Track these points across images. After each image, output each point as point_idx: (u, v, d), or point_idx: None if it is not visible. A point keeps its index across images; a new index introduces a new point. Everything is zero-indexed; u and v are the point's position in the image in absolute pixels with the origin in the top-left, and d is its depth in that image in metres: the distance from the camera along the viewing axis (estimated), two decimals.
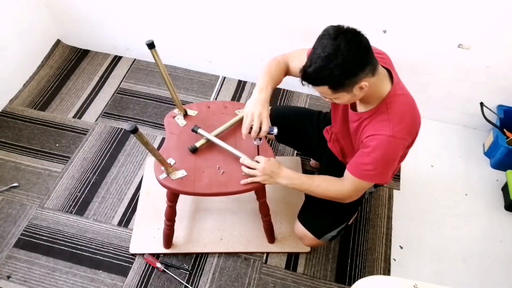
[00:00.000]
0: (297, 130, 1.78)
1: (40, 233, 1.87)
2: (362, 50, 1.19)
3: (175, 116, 1.68)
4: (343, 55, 1.15)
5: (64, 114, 2.30)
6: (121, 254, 1.82)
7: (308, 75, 1.21)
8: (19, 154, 2.13)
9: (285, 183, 1.46)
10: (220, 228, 1.88)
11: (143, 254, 1.80)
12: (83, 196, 1.99)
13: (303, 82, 1.24)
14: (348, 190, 1.40)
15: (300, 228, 1.63)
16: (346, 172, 1.39)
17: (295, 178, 1.47)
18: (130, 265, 1.79)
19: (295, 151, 2.18)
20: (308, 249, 1.84)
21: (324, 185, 1.45)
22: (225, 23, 2.23)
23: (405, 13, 1.93)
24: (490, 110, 2.14)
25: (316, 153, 1.87)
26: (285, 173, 1.46)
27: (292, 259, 1.83)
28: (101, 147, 2.17)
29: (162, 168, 1.48)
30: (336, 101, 1.29)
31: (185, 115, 1.69)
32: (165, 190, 1.55)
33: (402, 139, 1.29)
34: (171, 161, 1.52)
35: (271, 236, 1.81)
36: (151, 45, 1.45)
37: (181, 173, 1.50)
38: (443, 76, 2.13)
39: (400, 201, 2.04)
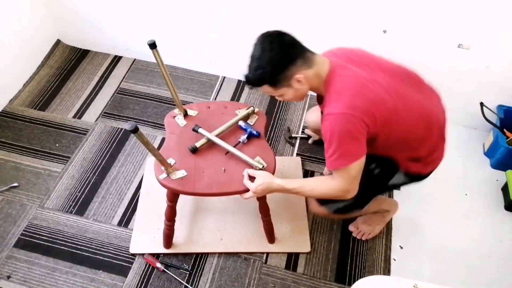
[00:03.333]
0: None
1: (40, 233, 1.87)
2: (286, 46, 1.33)
3: (175, 116, 1.68)
4: (269, 53, 1.31)
5: (64, 114, 2.30)
6: (121, 254, 1.82)
7: (248, 79, 1.38)
8: (19, 154, 2.13)
9: (280, 192, 1.48)
10: (220, 228, 1.88)
11: (143, 254, 1.80)
12: (83, 196, 1.99)
13: (249, 87, 1.41)
14: (340, 185, 1.38)
15: None
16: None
17: (289, 188, 1.47)
18: (130, 265, 1.79)
19: (295, 151, 2.18)
20: (308, 249, 1.84)
21: (318, 186, 1.45)
22: (225, 23, 2.24)
23: (405, 13, 1.93)
24: (490, 110, 2.14)
25: None
26: (277, 186, 1.46)
27: (292, 259, 1.83)
28: (101, 147, 2.16)
29: (162, 168, 1.48)
30: (283, 98, 1.42)
31: (185, 115, 1.69)
32: (165, 190, 1.55)
33: (345, 114, 1.29)
34: (171, 161, 1.52)
35: (271, 237, 1.81)
36: (152, 45, 1.45)
37: (181, 173, 1.50)
38: (443, 76, 2.12)
39: (400, 201, 2.03)
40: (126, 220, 1.92)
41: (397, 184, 1.60)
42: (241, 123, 1.64)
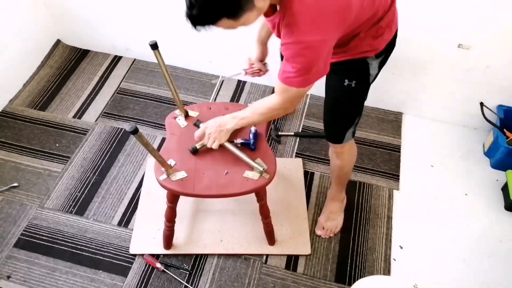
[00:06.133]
0: None
1: (40, 233, 1.87)
2: None
3: (176, 117, 1.68)
4: None
5: (64, 114, 2.30)
6: (121, 254, 1.82)
7: (197, 17, 1.08)
8: (19, 154, 2.13)
9: (233, 126, 1.48)
10: (220, 229, 1.88)
11: (143, 255, 1.80)
12: (83, 196, 1.99)
13: (197, 27, 1.12)
14: (279, 100, 1.34)
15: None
16: (276, 81, 1.32)
17: (240, 117, 1.47)
18: (130, 265, 1.79)
19: (295, 152, 2.18)
20: (308, 252, 1.84)
21: (260, 107, 1.42)
22: None
23: (405, 13, 1.93)
24: (490, 110, 2.14)
25: None
26: (230, 118, 1.48)
27: (292, 259, 1.83)
28: (101, 147, 2.17)
29: (163, 169, 1.48)
30: (245, 26, 1.17)
31: (186, 116, 1.69)
32: (165, 191, 1.55)
33: (314, 41, 1.16)
34: (171, 162, 1.52)
35: (271, 238, 1.81)
36: (154, 46, 1.45)
37: (181, 174, 1.49)
38: (443, 76, 2.13)
39: (400, 201, 2.04)
40: (126, 220, 1.92)
41: (377, 74, 1.55)
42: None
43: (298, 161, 2.13)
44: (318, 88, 2.40)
